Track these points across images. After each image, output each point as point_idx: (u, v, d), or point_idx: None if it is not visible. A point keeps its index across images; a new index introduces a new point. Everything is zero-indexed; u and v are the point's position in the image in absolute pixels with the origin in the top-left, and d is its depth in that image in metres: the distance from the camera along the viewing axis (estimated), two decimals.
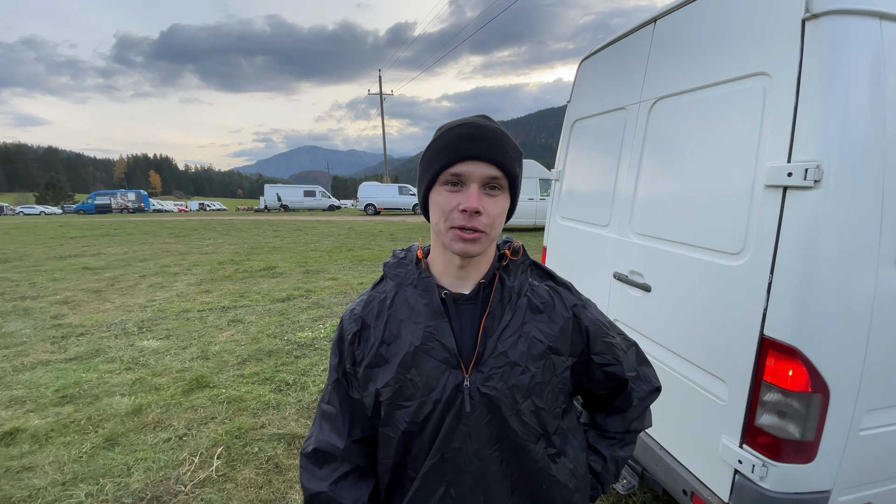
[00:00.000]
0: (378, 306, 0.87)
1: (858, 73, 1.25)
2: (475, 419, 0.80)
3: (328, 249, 11.28)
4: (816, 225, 1.26)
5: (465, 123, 0.78)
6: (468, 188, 0.75)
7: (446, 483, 0.80)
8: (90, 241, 13.41)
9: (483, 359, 0.81)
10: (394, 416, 0.81)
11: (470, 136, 0.75)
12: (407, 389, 0.80)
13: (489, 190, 0.77)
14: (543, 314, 0.86)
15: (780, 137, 1.34)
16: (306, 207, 34.98)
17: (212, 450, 2.82)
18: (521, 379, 0.81)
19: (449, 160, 0.75)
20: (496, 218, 0.78)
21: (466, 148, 0.74)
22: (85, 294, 6.70)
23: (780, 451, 1.37)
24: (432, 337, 0.81)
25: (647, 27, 2.06)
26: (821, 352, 1.30)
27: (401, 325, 0.83)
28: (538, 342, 0.84)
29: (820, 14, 1.26)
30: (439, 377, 0.80)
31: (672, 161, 1.85)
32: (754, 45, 1.46)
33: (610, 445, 1.01)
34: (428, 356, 0.80)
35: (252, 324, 5.26)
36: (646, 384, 1.00)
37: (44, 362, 4.15)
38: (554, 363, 0.85)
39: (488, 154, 0.74)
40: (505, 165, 0.76)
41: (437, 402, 0.79)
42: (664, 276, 1.86)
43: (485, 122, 0.78)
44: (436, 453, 0.80)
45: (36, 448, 2.83)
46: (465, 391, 0.79)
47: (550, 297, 0.89)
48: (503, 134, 0.78)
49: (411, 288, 0.86)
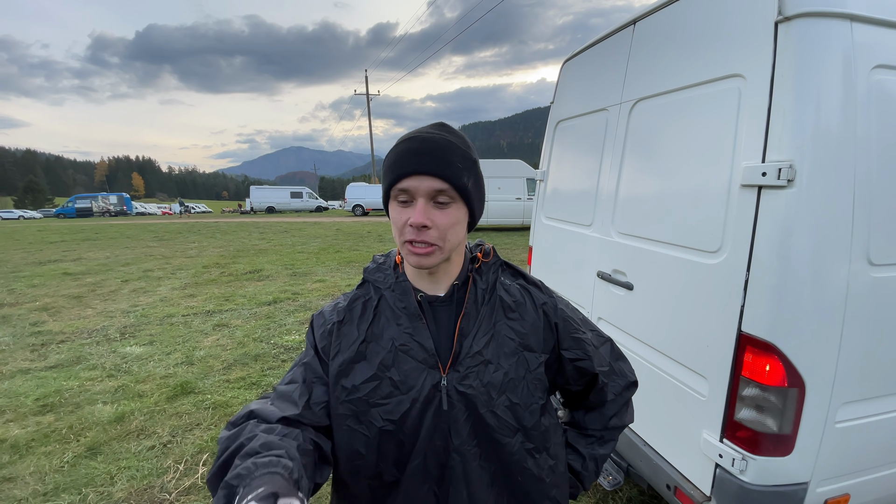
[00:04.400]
0: (362, 306, 0.89)
1: (830, 75, 1.28)
2: (454, 416, 0.82)
3: (316, 251, 11.20)
4: (790, 223, 1.29)
5: (411, 138, 0.78)
6: (416, 203, 0.77)
7: (430, 481, 0.82)
8: (70, 245, 13.13)
9: (459, 358, 0.83)
10: (369, 414, 0.81)
11: (414, 150, 0.76)
12: (385, 387, 0.81)
13: (438, 203, 0.77)
14: (515, 312, 0.89)
15: (754, 138, 1.37)
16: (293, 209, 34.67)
17: (197, 457, 2.79)
18: (495, 376, 0.83)
19: (395, 176, 0.77)
20: (447, 230, 0.78)
21: (410, 163, 0.75)
22: (65, 300, 6.56)
23: (758, 445, 1.40)
24: (411, 338, 0.83)
25: (627, 29, 2.08)
26: (796, 347, 1.33)
27: (383, 327, 0.85)
28: (510, 340, 0.86)
29: (792, 16, 1.29)
30: (418, 377, 0.82)
31: (652, 161, 1.88)
32: (729, 47, 1.49)
33: (589, 444, 1.02)
34: (407, 356, 0.82)
35: (238, 328, 5.21)
36: (621, 379, 1.00)
37: (23, 370, 4.06)
38: (527, 360, 0.87)
39: (431, 168, 0.75)
40: (450, 177, 0.76)
41: (415, 400, 0.81)
42: (645, 274, 1.89)
43: (431, 134, 0.78)
44: (418, 454, 0.81)
45: (16, 458, 2.77)
46: (442, 390, 0.81)
47: (522, 296, 0.91)
48: (450, 145, 0.77)
49: (390, 291, 0.88)
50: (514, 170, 15.37)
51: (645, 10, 1.95)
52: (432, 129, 0.80)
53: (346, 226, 18.82)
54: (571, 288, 2.50)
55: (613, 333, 2.13)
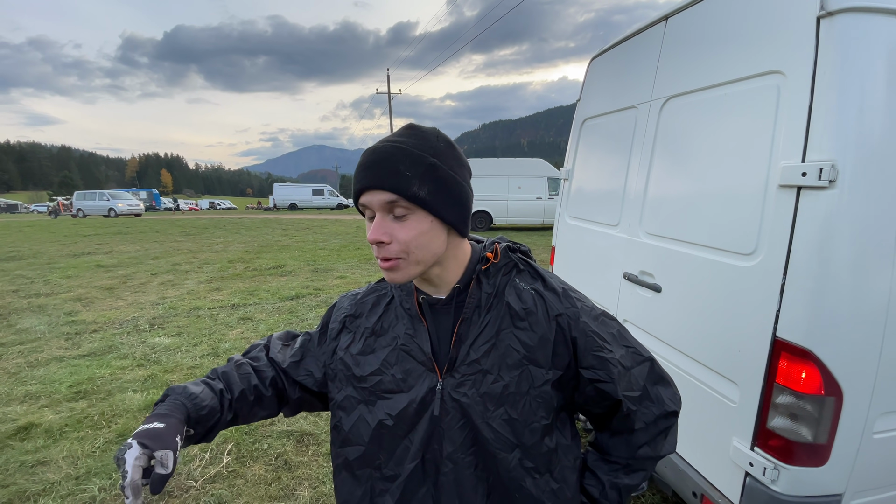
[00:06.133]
0: (374, 300, 0.92)
1: (874, 72, 1.23)
2: (447, 423, 0.80)
3: (337, 248, 11.33)
4: (831, 225, 1.25)
5: (365, 151, 0.76)
6: (375, 218, 0.75)
7: (427, 484, 0.82)
8: (103, 239, 13.60)
9: (456, 364, 0.80)
10: (376, 404, 0.84)
11: (364, 165, 0.73)
12: (388, 383, 0.83)
13: (396, 216, 0.73)
14: (524, 321, 0.81)
15: (794, 137, 1.33)
16: (315, 206, 35.17)
17: (222, 446, 2.86)
18: (494, 387, 0.78)
19: (355, 193, 0.76)
20: (408, 243, 0.73)
21: (361, 178, 0.73)
22: (98, 291, 6.80)
23: (792, 454, 1.36)
24: (412, 339, 0.83)
25: (659, 25, 2.04)
26: (835, 354, 1.28)
27: (391, 324, 0.87)
28: (514, 351, 0.79)
29: (835, 12, 1.24)
30: (417, 377, 0.82)
31: (683, 160, 1.84)
32: (768, 44, 1.45)
33: (612, 471, 0.91)
34: (408, 356, 0.83)
35: (261, 321, 5.31)
36: (656, 407, 0.87)
37: (58, 358, 4.22)
38: (532, 374, 0.79)
39: (377, 182, 0.71)
40: (397, 188, 0.70)
41: (413, 401, 0.81)
42: (675, 276, 1.85)
43: (382, 145, 0.73)
44: (416, 455, 0.81)
45: (50, 443, 2.88)
46: (437, 395, 0.80)
47: (534, 304, 0.82)
48: (398, 152, 0.71)
49: (398, 291, 0.89)
50: (534, 169, 15.24)
51: (678, 6, 1.91)
52: (393, 135, 0.76)
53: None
54: (596, 289, 2.47)
55: (639, 336, 2.10)
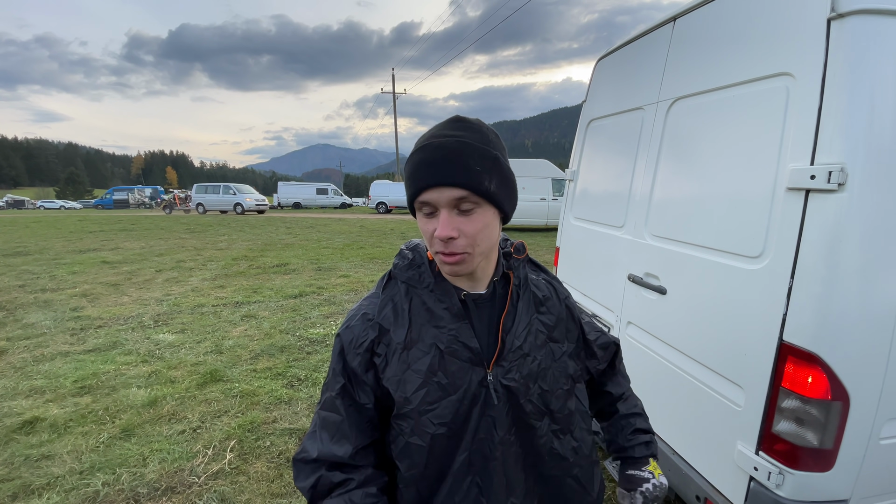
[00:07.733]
0: (393, 310, 0.85)
1: (885, 74, 1.22)
2: (498, 410, 0.84)
3: (340, 247, 11.35)
4: (840, 228, 1.23)
5: (424, 146, 0.75)
6: (440, 213, 0.75)
7: (473, 473, 0.83)
8: (108, 235, 13.67)
9: (504, 354, 0.85)
10: (421, 423, 0.81)
11: (428, 161, 0.73)
12: (434, 392, 0.81)
13: (461, 211, 0.75)
14: (544, 306, 0.93)
15: (803, 139, 1.32)
16: (319, 205, 35.24)
17: (225, 443, 2.86)
18: (532, 367, 0.87)
19: (415, 190, 0.75)
20: (475, 236, 0.76)
21: (427, 176, 0.73)
22: (103, 287, 6.84)
23: (797, 459, 1.35)
24: (456, 339, 0.83)
25: (667, 26, 2.03)
26: (842, 358, 1.27)
27: (421, 330, 0.83)
28: (540, 333, 0.91)
29: (846, 13, 1.23)
30: (464, 376, 0.82)
31: (690, 162, 1.83)
32: (777, 45, 1.43)
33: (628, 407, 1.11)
34: (453, 358, 0.82)
35: (265, 319, 5.32)
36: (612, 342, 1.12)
37: (63, 353, 4.25)
38: (552, 350, 0.91)
39: (448, 178, 0.72)
40: (469, 184, 0.72)
41: (462, 400, 0.81)
42: (680, 278, 1.84)
43: (444, 140, 0.73)
44: (464, 449, 0.82)
45: (55, 437, 2.90)
46: (489, 385, 0.83)
47: (549, 291, 0.96)
48: (465, 147, 0.72)
49: (427, 291, 0.85)
50: (539, 170, 15.21)
51: (686, 7, 1.90)
52: (447, 128, 0.76)
53: (369, 223, 19.00)
54: (600, 290, 2.46)
55: (644, 338, 2.09)
